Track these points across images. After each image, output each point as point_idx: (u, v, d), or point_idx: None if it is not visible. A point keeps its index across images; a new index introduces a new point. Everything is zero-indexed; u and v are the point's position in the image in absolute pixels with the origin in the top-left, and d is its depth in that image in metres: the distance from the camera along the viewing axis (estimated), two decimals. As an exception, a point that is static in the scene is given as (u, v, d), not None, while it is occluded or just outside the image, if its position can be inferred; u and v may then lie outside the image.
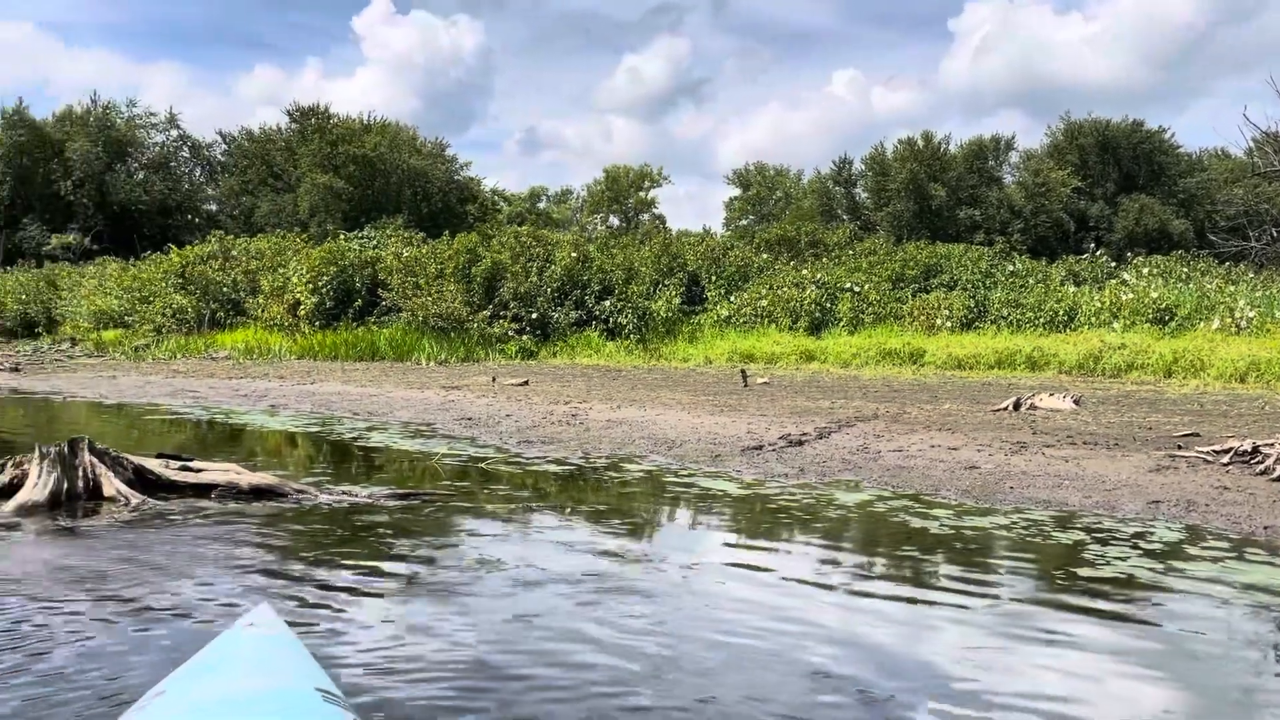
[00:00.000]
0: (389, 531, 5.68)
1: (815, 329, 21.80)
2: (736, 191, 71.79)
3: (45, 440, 6.70)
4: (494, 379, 16.54)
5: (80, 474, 6.64)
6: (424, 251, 25.40)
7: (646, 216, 69.35)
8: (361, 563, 4.96)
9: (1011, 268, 22.87)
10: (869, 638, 3.94)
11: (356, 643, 3.77)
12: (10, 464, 6.95)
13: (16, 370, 20.36)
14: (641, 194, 72.26)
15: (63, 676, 3.35)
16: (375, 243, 29.20)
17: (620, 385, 15.32)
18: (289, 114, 52.41)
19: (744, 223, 63.46)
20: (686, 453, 8.69)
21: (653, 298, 23.11)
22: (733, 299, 23.47)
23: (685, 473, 7.77)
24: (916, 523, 5.92)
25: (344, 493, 6.85)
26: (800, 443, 9.03)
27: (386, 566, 4.89)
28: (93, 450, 6.82)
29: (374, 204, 44.46)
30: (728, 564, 5.07)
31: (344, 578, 4.69)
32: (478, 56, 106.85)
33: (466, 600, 4.34)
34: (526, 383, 15.72)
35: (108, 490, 6.62)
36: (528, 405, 12.50)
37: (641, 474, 7.79)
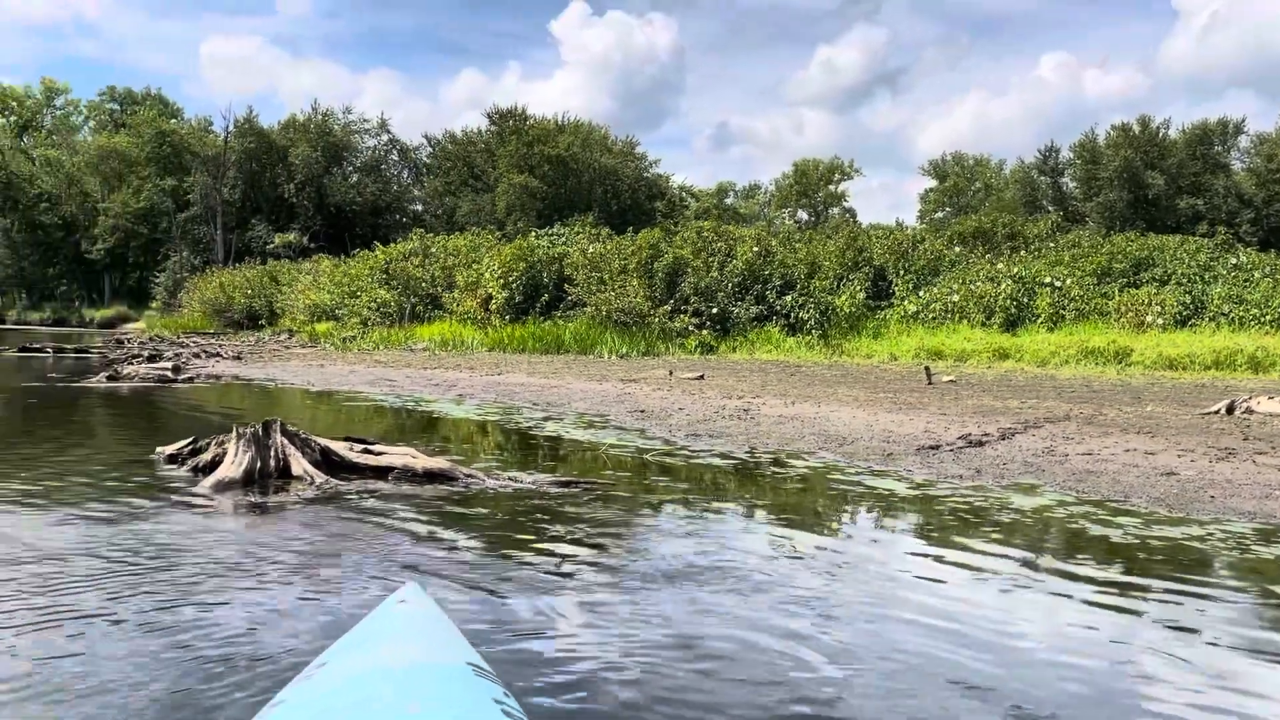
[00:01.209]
0: (546, 517, 5.78)
1: (1010, 325, 20.71)
2: (932, 183, 69.35)
3: (255, 421, 7.20)
4: (670, 373, 16.63)
5: (272, 454, 7.11)
6: (608, 248, 25.86)
7: (836, 210, 68.05)
8: (514, 547, 5.06)
9: (1234, 261, 20.93)
10: (1027, 654, 3.66)
11: (501, 622, 3.83)
12: (214, 443, 7.55)
13: (239, 359, 22.20)
14: (831, 187, 70.95)
15: (234, 643, 3.55)
16: (563, 239, 30.01)
17: (796, 381, 15.06)
18: (488, 117, 54.74)
19: (939, 215, 61.19)
20: (856, 450, 8.42)
21: (836, 292, 22.62)
22: (921, 294, 22.64)
23: (852, 470, 7.52)
24: (1096, 530, 5.47)
25: (510, 478, 7.03)
26: (980, 443, 8.57)
27: (539, 551, 4.96)
28: (284, 432, 7.30)
29: (566, 202, 45.73)
30: (875, 563, 4.85)
31: (496, 560, 4.80)
32: (671, 54, 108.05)
33: (610, 587, 4.34)
34: (702, 377, 15.71)
35: (296, 469, 7.07)
36: (700, 399, 12.48)
37: (805, 470, 7.60)
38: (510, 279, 25.52)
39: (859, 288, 22.55)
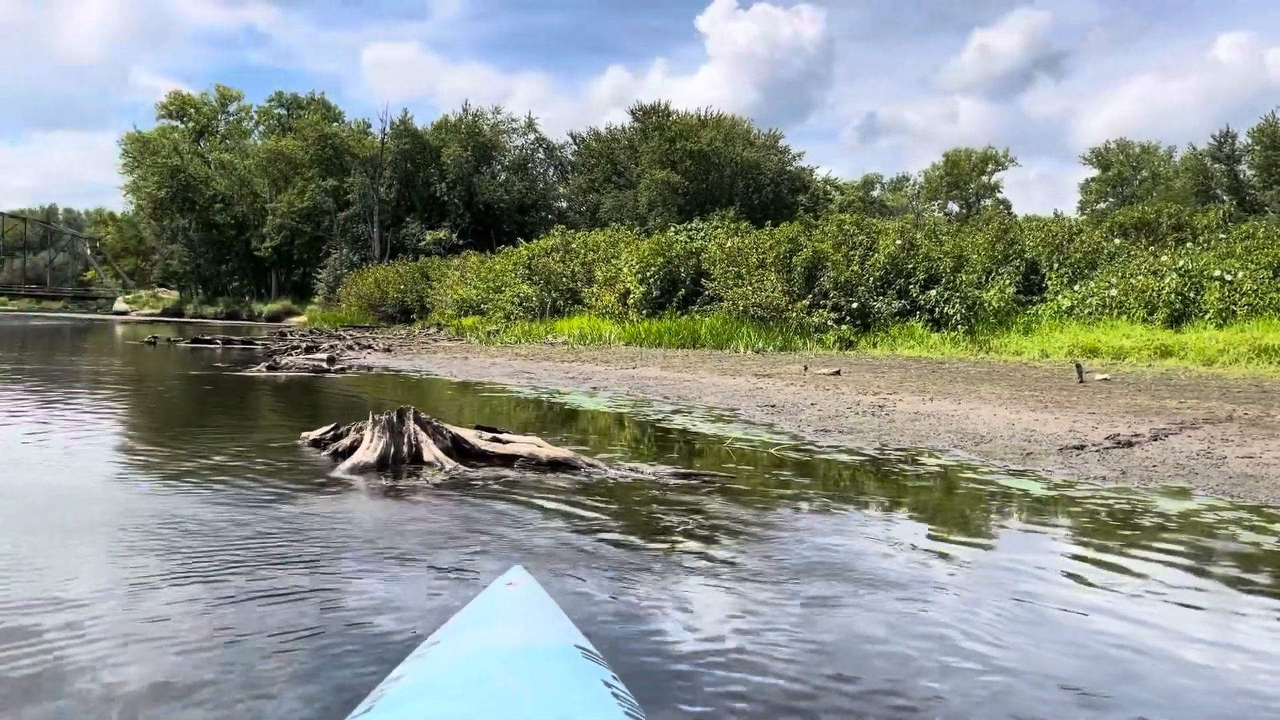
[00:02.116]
0: (661, 508, 5.77)
1: (1175, 322, 19.44)
2: (1094, 172, 66.00)
3: (393, 409, 7.47)
4: (805, 368, 16.37)
5: (405, 440, 7.37)
6: (746, 242, 25.69)
7: (988, 202, 65.56)
8: (627, 536, 5.07)
9: None
10: (1160, 661, 3.41)
11: (607, 608, 3.83)
12: (353, 429, 7.88)
13: (388, 351, 23.16)
14: (984, 178, 68.48)
15: (354, 617, 3.68)
16: (702, 234, 30.00)
17: (937, 377, 14.58)
18: (632, 113, 55.33)
19: (1102, 206, 58.14)
20: (994, 449, 8.07)
21: (984, 287, 21.77)
22: (1076, 288, 21.52)
23: (986, 470, 7.22)
24: (1247, 536, 5.07)
25: (631, 469, 7.06)
26: (1129, 444, 8.08)
27: (650, 540, 4.96)
28: (417, 420, 7.55)
29: (708, 197, 45.72)
30: (1000, 563, 4.62)
31: (606, 547, 4.82)
32: (818, 44, 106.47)
33: (720, 579, 4.29)
34: (838, 372, 15.40)
35: (427, 456, 7.30)
36: (835, 394, 12.24)
37: (936, 468, 7.34)
38: (648, 274, 25.68)
39: (1009, 282, 21.64)
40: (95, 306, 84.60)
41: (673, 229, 31.51)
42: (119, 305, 76.76)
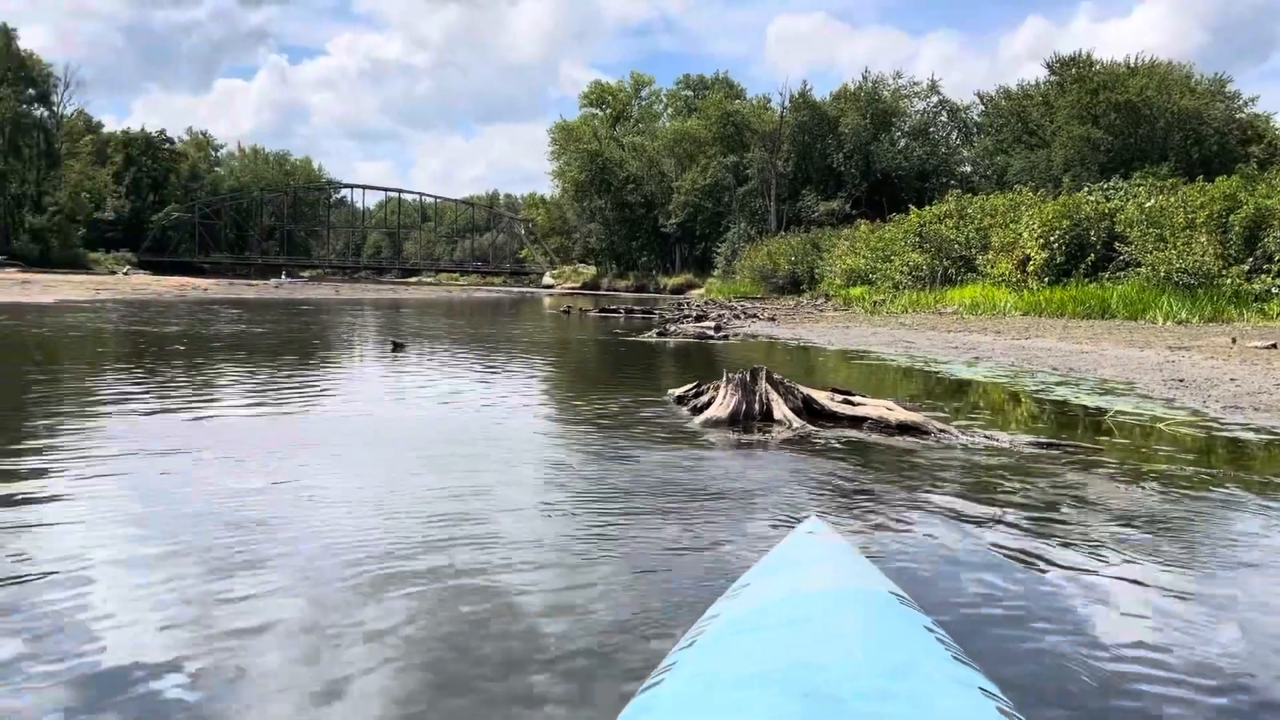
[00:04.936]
0: (1007, 474, 5.39)
1: None
2: None
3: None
4: (1233, 341, 14.26)
5: (756, 398, 7.51)
6: (1171, 200, 22.80)
7: None
8: (958, 500, 4.79)
9: None
10: None
11: (915, 563, 3.67)
12: (711, 386, 8.19)
13: (773, 320, 23.63)
14: None
15: (674, 557, 3.84)
16: (1121, 193, 27.11)
17: None
18: (1048, 66, 51.25)
19: None
20: None
21: None
22: None
23: None
24: None
25: (986, 436, 6.65)
26: None
27: (985, 506, 4.64)
28: (769, 379, 7.66)
29: (1136, 153, 41.21)
30: None
31: (929, 508, 4.58)
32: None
33: (1052, 552, 3.92)
34: (1275, 346, 13.24)
35: (776, 414, 7.39)
36: (1264, 370, 10.58)
37: (1375, 454, 6.09)
38: (1051, 238, 23.72)
39: None
40: (528, 281, 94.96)
41: (1085, 189, 28.76)
42: (546, 279, 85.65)
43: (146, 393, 8.58)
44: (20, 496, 4.48)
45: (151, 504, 4.48)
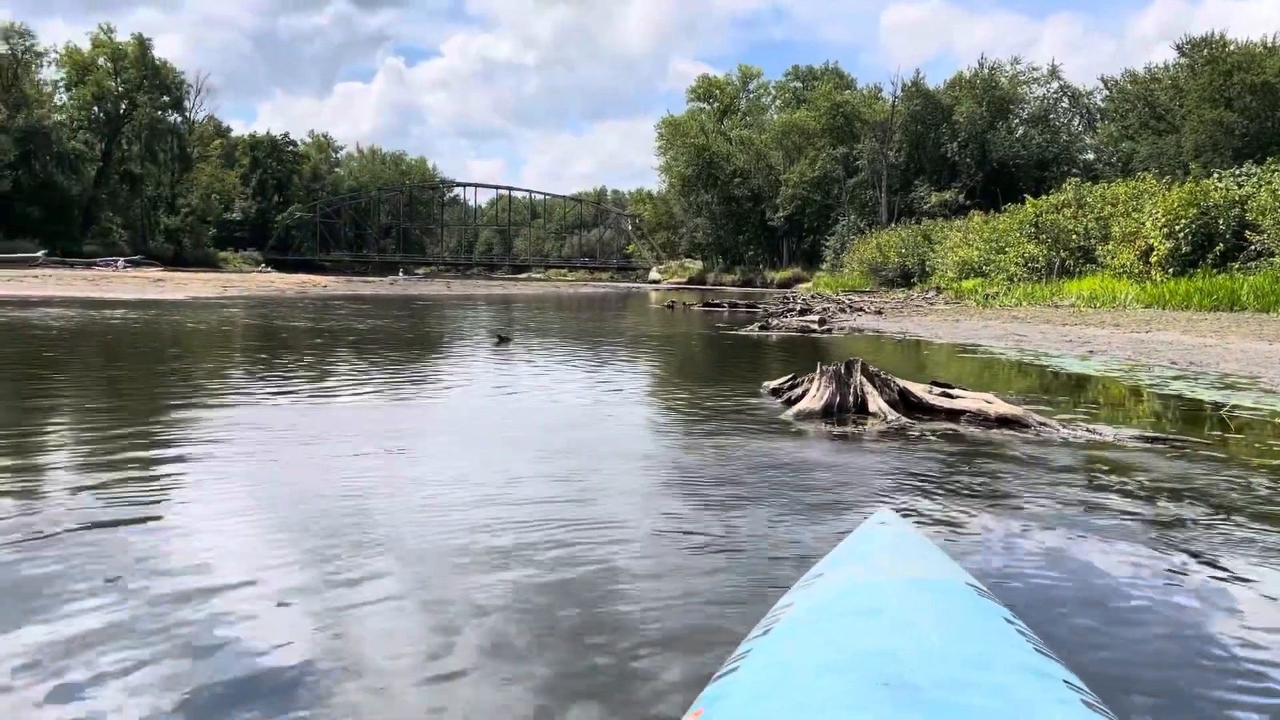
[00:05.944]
0: (1106, 469, 5.25)
1: None
2: None
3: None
4: (1374, 333, 13.43)
5: (851, 390, 7.47)
6: (1309, 185, 21.54)
7: None
8: (1046, 490, 4.70)
9: None
10: None
11: (995, 556, 3.64)
12: (806, 379, 8.17)
13: (879, 314, 23.25)
14: None
15: (751, 545, 3.89)
16: (1254, 179, 25.68)
17: None
18: (1178, 48, 48.90)
19: None
20: None
21: None
22: None
23: None
24: None
25: (1089, 430, 6.47)
26: None
27: (1081, 500, 4.55)
28: (865, 372, 7.62)
29: (1273, 137, 38.95)
30: None
31: (1018, 500, 4.51)
32: None
33: (1138, 541, 3.83)
34: None
35: (871, 406, 7.34)
36: (1404, 364, 9.96)
37: None
38: (1176, 227, 22.67)
39: None
40: (635, 276, 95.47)
41: (1216, 175, 27.35)
42: (653, 275, 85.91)
43: (273, 381, 9.08)
44: (161, 475, 4.83)
45: (276, 488, 4.78)
